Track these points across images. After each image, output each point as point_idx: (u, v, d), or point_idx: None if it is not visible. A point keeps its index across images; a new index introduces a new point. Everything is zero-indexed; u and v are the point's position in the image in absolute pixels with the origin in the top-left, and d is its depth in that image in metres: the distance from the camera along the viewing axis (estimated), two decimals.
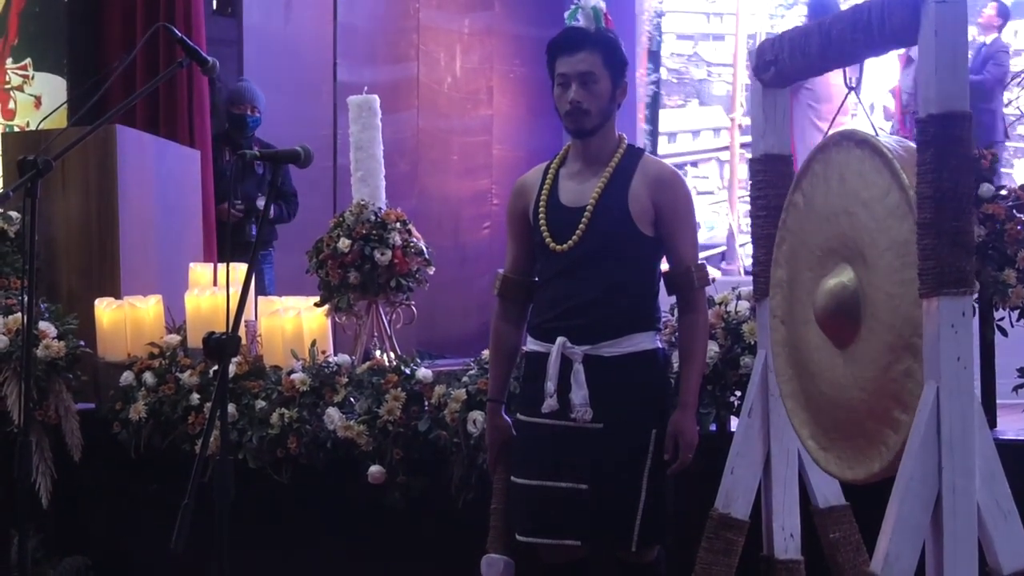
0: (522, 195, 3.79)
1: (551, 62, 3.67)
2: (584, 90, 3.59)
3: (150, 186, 5.78)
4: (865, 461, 3.02)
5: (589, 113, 3.61)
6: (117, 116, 4.15)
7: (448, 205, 9.18)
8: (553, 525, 3.59)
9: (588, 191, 3.64)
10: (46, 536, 4.99)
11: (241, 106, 7.04)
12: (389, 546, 4.67)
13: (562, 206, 3.66)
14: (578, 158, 3.72)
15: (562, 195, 3.68)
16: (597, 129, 3.65)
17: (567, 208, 3.65)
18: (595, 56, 3.61)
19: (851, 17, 3.09)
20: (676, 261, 3.67)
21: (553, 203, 3.68)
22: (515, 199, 3.81)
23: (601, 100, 3.62)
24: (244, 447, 4.60)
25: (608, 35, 3.67)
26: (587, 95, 3.60)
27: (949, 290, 2.76)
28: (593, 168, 3.67)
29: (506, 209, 3.87)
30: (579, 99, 3.59)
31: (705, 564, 3.55)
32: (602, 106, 3.63)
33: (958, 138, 2.78)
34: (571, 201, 3.66)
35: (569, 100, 3.59)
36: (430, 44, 9.15)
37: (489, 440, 3.86)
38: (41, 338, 4.88)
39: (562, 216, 3.64)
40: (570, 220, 3.62)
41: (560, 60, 3.63)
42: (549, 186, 3.71)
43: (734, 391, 4.17)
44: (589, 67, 3.59)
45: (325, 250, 4.92)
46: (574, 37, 3.64)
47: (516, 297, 3.83)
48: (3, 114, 7.32)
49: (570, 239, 3.61)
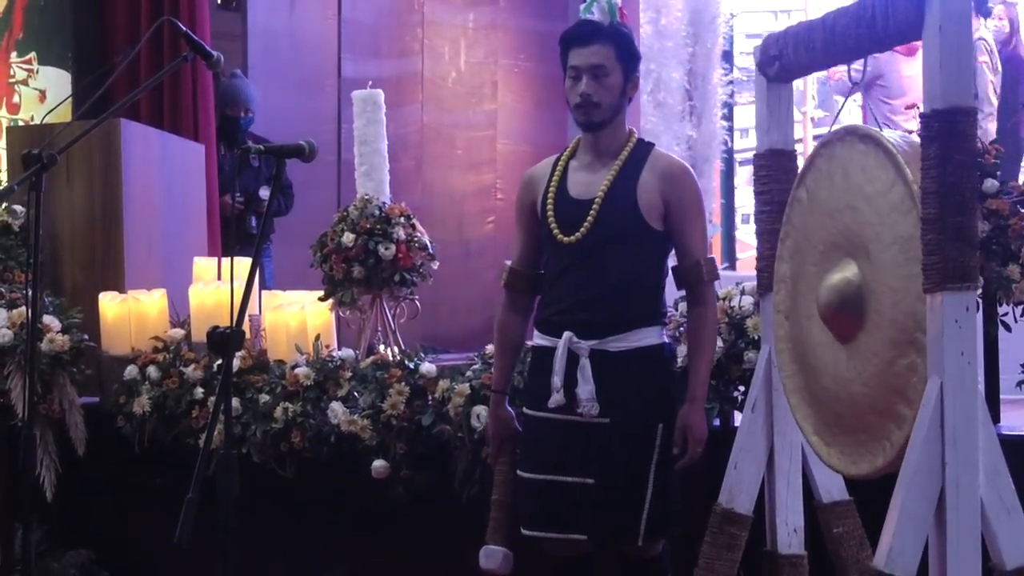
0: (531, 187, 3.79)
1: (564, 54, 3.68)
2: (595, 83, 3.60)
3: (154, 180, 5.78)
4: (868, 456, 3.02)
5: (599, 106, 3.62)
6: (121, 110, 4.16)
7: (452, 200, 9.16)
8: (559, 519, 3.60)
9: (597, 184, 3.64)
10: (50, 529, 4.99)
11: (235, 108, 7.05)
12: (393, 540, 4.67)
13: (570, 198, 3.67)
14: (588, 151, 3.72)
15: (571, 188, 3.69)
16: (607, 122, 3.65)
17: (575, 200, 3.66)
18: (608, 49, 3.62)
19: (855, 12, 3.09)
20: (685, 255, 3.67)
21: (561, 195, 3.69)
22: (524, 191, 3.82)
23: (612, 93, 3.63)
24: (248, 441, 4.60)
25: (621, 29, 3.68)
26: (598, 88, 3.60)
27: (953, 285, 2.76)
28: (602, 161, 3.68)
29: (515, 201, 3.88)
30: (590, 92, 3.60)
31: (708, 559, 3.56)
32: (613, 99, 3.64)
33: (962, 133, 2.78)
34: (580, 193, 3.66)
35: (580, 92, 3.60)
36: (434, 39, 9.14)
37: (492, 432, 3.86)
38: (45, 332, 4.88)
39: (570, 208, 3.65)
40: (578, 212, 3.63)
41: (572, 52, 3.64)
42: (558, 178, 3.71)
43: (738, 386, 4.17)
44: (601, 60, 3.60)
45: (329, 244, 4.92)
46: (587, 30, 3.65)
47: (523, 289, 3.85)
48: (8, 108, 7.31)
49: (578, 231, 3.61)
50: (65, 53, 7.44)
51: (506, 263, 3.90)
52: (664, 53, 9.17)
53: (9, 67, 7.30)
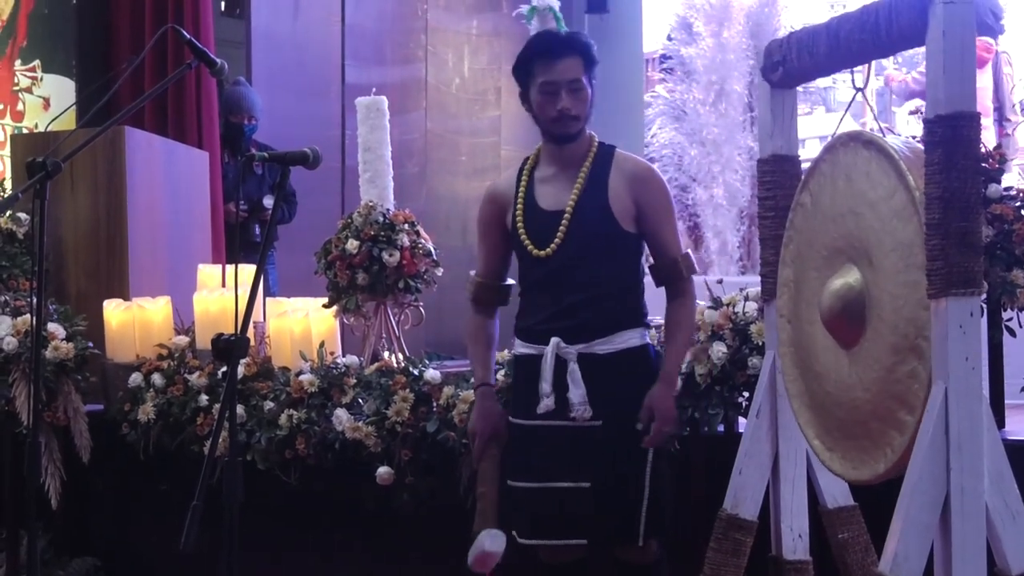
0: (496, 201, 3.76)
1: (527, 68, 3.63)
2: (573, 97, 3.58)
3: (159, 188, 5.79)
4: (870, 462, 3.02)
5: (578, 119, 3.60)
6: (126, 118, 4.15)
7: (456, 206, 9.18)
8: (557, 526, 3.59)
9: (565, 194, 3.62)
10: (55, 537, 4.99)
11: (238, 115, 7.07)
12: (397, 547, 4.68)
13: (540, 210, 3.65)
14: (552, 161, 3.70)
15: (540, 199, 3.67)
16: (580, 134, 3.65)
17: (546, 212, 3.64)
18: (578, 61, 3.59)
19: (859, 18, 3.09)
20: (662, 253, 3.66)
21: (531, 208, 3.66)
22: (488, 205, 3.79)
23: (587, 104, 3.62)
24: (253, 448, 4.60)
25: (584, 38, 3.66)
26: (576, 102, 3.58)
27: (957, 290, 2.76)
28: (567, 171, 3.66)
29: (479, 215, 3.84)
30: (569, 106, 3.57)
31: (714, 565, 3.56)
32: (587, 110, 3.63)
33: (966, 138, 2.78)
34: (549, 205, 3.64)
35: (559, 108, 3.57)
36: (438, 45, 9.15)
37: (478, 429, 3.74)
38: (50, 340, 4.88)
39: (541, 221, 3.63)
40: (550, 224, 3.61)
41: (543, 66, 3.59)
42: (524, 191, 3.69)
43: (742, 392, 4.17)
44: (576, 74, 3.58)
45: (333, 251, 4.92)
46: (557, 43, 3.63)
47: (490, 301, 3.86)
48: (12, 116, 7.33)
49: (551, 244, 3.60)
50: (69, 61, 7.46)
51: (471, 275, 3.87)
52: (726, 65, 9.24)
53: (13, 75, 7.32)
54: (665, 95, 9.58)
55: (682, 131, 9.35)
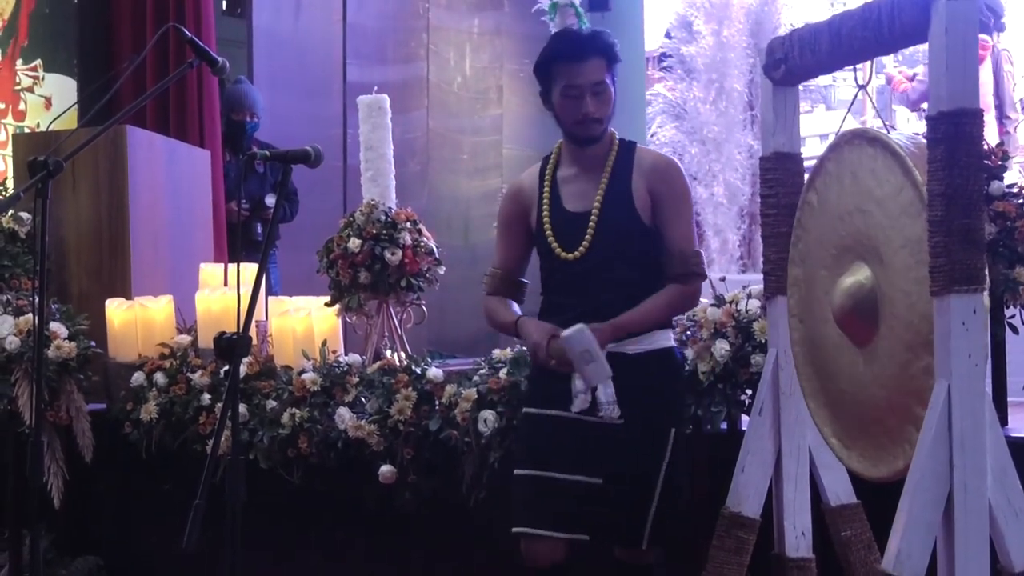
0: (519, 200, 3.73)
1: (548, 69, 3.58)
2: (597, 99, 3.54)
3: (160, 187, 5.79)
4: (888, 459, 3.01)
5: (602, 122, 3.57)
6: (127, 117, 4.16)
7: (458, 205, 9.19)
8: (561, 518, 3.54)
9: (590, 194, 3.59)
10: (58, 536, 4.99)
11: (240, 112, 7.07)
12: (400, 545, 4.67)
13: (566, 212, 3.62)
14: (574, 161, 3.66)
15: (565, 201, 3.63)
16: (604, 135, 3.62)
17: (572, 214, 3.61)
18: (602, 62, 3.54)
19: (861, 15, 3.08)
20: (672, 246, 3.59)
21: (556, 210, 3.63)
22: (511, 203, 3.76)
23: (610, 106, 3.58)
24: (255, 447, 4.60)
25: (606, 37, 3.60)
26: (599, 104, 3.54)
27: (960, 287, 2.75)
28: (591, 171, 3.62)
29: (500, 211, 3.81)
30: (593, 110, 3.53)
31: (717, 563, 3.55)
32: (610, 112, 3.59)
33: (969, 135, 2.77)
34: (575, 207, 3.61)
35: (584, 112, 3.52)
36: (440, 44, 9.16)
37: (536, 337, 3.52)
38: (52, 339, 4.88)
39: (568, 223, 3.60)
40: (577, 226, 3.58)
41: (565, 68, 3.54)
42: (549, 192, 3.66)
43: (745, 389, 4.17)
44: (600, 76, 3.53)
45: (336, 250, 4.91)
46: (580, 44, 3.57)
47: (507, 295, 3.78)
48: (13, 115, 7.32)
49: (579, 246, 3.57)
50: (70, 60, 7.46)
51: (489, 269, 3.82)
52: (726, 64, 9.24)
53: (15, 74, 7.31)
54: (665, 93, 9.59)
55: (682, 129, 9.35)
